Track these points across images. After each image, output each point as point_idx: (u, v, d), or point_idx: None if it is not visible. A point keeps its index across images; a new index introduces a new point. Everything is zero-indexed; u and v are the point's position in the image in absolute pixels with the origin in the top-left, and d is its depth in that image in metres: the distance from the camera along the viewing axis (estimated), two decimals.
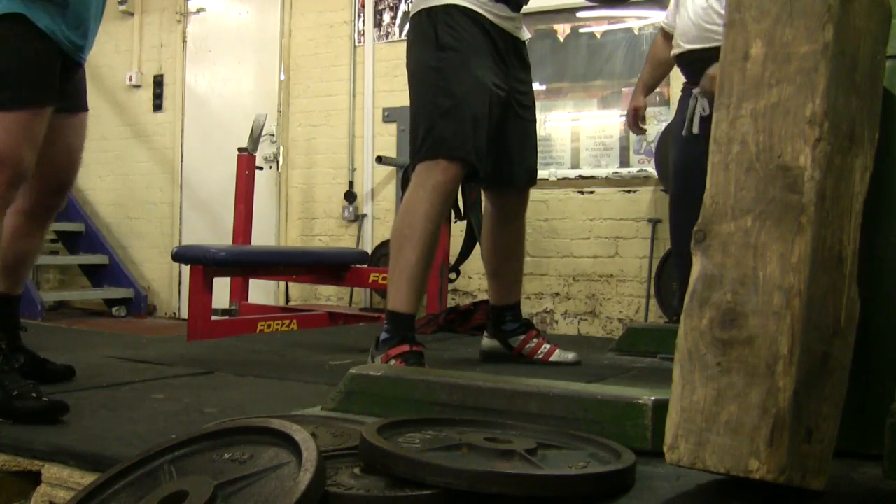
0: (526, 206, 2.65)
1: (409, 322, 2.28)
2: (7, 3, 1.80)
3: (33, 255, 2.17)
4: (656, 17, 5.17)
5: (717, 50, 1.27)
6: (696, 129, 3.15)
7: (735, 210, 1.12)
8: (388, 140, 5.90)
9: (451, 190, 2.33)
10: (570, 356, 2.61)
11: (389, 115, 5.87)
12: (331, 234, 6.17)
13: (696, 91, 3.24)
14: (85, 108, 2.15)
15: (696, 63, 3.18)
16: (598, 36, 5.38)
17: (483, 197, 2.69)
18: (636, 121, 3.66)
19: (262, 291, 6.02)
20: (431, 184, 2.26)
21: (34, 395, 1.71)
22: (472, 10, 2.34)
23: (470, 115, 2.30)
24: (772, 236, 1.08)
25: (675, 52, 3.40)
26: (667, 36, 3.53)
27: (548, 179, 5.23)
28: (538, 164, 2.64)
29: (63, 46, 1.91)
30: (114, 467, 1.18)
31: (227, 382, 2.24)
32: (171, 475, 1.13)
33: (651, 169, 5.00)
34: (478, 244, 3.80)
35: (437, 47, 2.34)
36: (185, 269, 4.31)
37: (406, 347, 2.22)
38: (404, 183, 3.89)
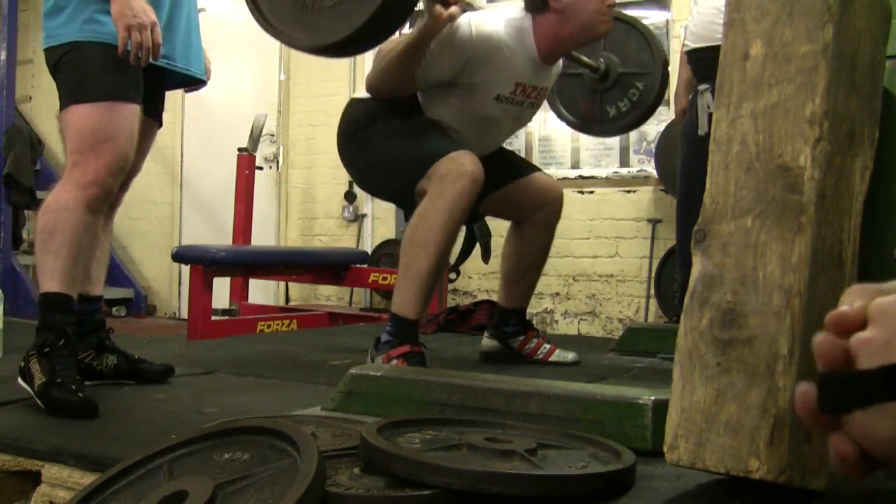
0: (557, 219, 2.60)
1: (413, 327, 2.27)
2: (81, 26, 1.94)
3: (101, 251, 2.18)
4: (656, 17, 5.17)
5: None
6: (704, 128, 3.15)
7: (735, 210, 1.12)
8: None
9: (470, 200, 2.23)
10: (570, 356, 2.61)
11: None
12: (331, 234, 6.17)
13: (700, 87, 3.25)
14: (160, 123, 2.26)
15: (702, 61, 3.19)
16: None
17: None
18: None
19: (262, 291, 6.02)
20: (450, 194, 2.18)
21: (73, 387, 1.76)
22: None
23: (437, 130, 2.32)
24: (772, 236, 1.08)
25: (684, 49, 3.43)
26: None
27: None
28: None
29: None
30: (114, 467, 1.18)
31: (227, 382, 2.24)
32: (171, 475, 1.13)
33: (651, 169, 5.00)
34: (477, 244, 3.80)
35: (380, 111, 2.38)
36: (185, 269, 4.31)
37: (407, 348, 2.21)
38: None
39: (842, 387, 0.51)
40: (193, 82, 2.32)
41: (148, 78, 2.04)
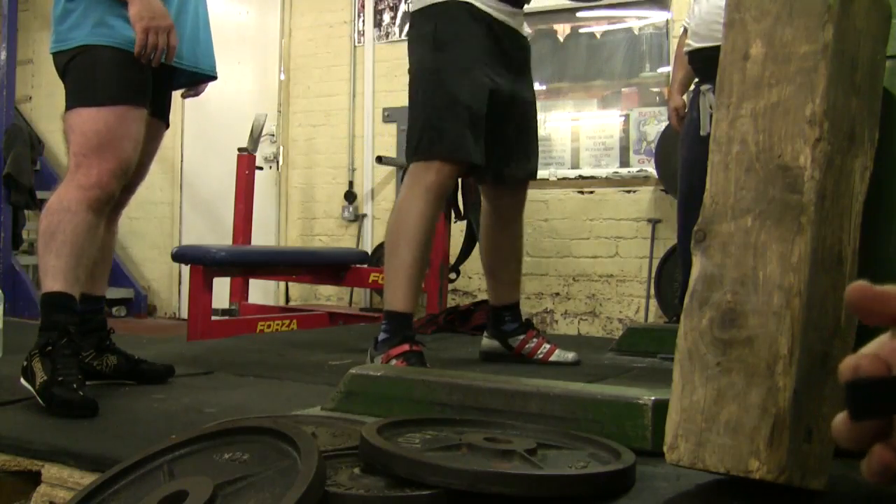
0: (523, 207, 2.66)
1: (407, 321, 2.28)
2: (91, 30, 1.96)
3: (104, 252, 2.18)
4: (656, 17, 5.17)
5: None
6: (706, 128, 3.15)
7: (735, 210, 1.12)
8: (388, 140, 5.90)
9: (446, 188, 2.33)
10: (570, 356, 2.61)
11: (389, 115, 5.87)
12: (331, 234, 6.17)
13: (703, 88, 3.25)
14: (167, 124, 2.27)
15: (705, 61, 3.19)
16: (598, 36, 5.38)
17: (482, 197, 2.69)
18: (679, 121, 3.69)
19: (262, 291, 6.02)
20: (425, 184, 2.28)
21: (74, 386, 1.76)
22: (473, 7, 2.34)
23: (467, 114, 2.30)
24: (772, 236, 1.08)
25: (686, 49, 3.43)
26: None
27: (548, 179, 5.23)
28: (539, 165, 2.64)
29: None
30: (114, 467, 1.18)
31: (227, 382, 2.24)
32: (171, 475, 1.13)
33: (651, 169, 5.00)
34: (478, 244, 3.80)
35: (433, 47, 2.34)
36: (185, 269, 4.31)
37: (406, 347, 2.22)
38: None
39: (874, 391, 0.51)
40: (202, 80, 2.31)
41: (155, 77, 2.04)
